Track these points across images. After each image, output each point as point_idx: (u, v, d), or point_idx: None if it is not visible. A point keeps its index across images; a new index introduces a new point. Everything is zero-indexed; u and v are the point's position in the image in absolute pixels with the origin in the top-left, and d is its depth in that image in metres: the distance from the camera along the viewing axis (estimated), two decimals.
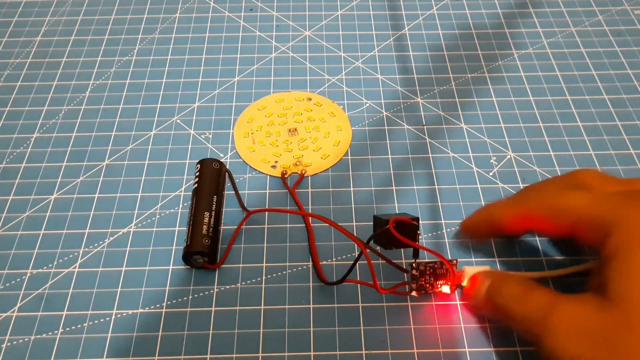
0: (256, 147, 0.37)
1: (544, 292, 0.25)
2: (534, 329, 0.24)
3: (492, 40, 0.45)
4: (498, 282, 0.27)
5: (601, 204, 0.25)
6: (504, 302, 0.26)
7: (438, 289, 0.29)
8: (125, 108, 0.40)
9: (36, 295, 0.31)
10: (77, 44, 0.45)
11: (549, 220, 0.27)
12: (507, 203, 0.30)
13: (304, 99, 0.40)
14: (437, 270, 0.29)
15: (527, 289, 0.26)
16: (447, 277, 0.29)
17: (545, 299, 0.24)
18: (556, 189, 0.28)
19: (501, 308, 0.26)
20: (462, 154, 0.37)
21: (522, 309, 0.25)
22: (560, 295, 0.24)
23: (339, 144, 0.37)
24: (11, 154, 0.37)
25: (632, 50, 0.44)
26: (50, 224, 0.34)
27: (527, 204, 0.28)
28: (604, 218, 0.24)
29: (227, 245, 0.32)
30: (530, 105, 0.40)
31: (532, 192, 0.30)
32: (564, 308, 0.23)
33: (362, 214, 0.34)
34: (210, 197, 0.32)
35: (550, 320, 0.23)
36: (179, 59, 0.43)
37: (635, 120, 0.39)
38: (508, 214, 0.29)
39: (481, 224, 0.31)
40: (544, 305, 0.24)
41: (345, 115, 0.39)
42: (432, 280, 0.29)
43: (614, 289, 0.22)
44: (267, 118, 0.39)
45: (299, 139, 0.37)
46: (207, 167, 0.34)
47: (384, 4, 0.48)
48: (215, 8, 0.48)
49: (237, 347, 0.29)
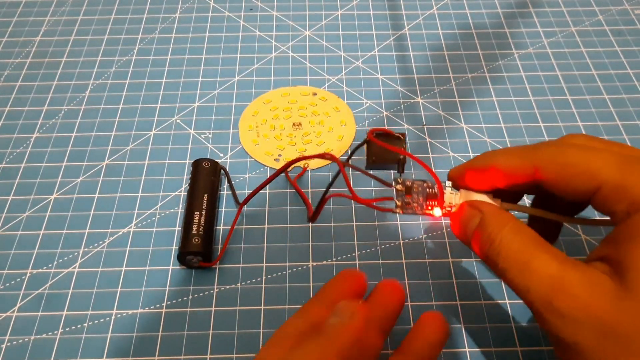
0: (260, 140, 0.37)
1: (550, 256, 0.22)
2: (538, 306, 0.21)
3: (492, 40, 0.45)
4: (492, 225, 0.24)
5: (635, 169, 0.22)
6: (500, 260, 0.23)
7: (428, 210, 0.26)
8: (125, 108, 0.40)
9: (36, 295, 0.31)
10: (77, 44, 0.45)
11: (566, 179, 0.23)
12: (516, 151, 0.25)
13: (309, 94, 0.40)
14: (428, 189, 0.26)
15: (529, 248, 0.22)
16: (438, 199, 0.26)
17: (552, 268, 0.21)
18: (576, 146, 0.24)
19: (495, 265, 0.23)
20: (462, 153, 0.37)
21: (523, 279, 0.22)
22: (569, 265, 0.21)
23: (342, 139, 0.37)
24: (11, 154, 0.37)
25: (632, 50, 0.44)
26: (50, 224, 0.34)
27: (542, 156, 0.24)
28: (637, 187, 0.21)
29: (224, 242, 0.32)
30: (530, 105, 0.40)
31: (544, 145, 0.25)
32: (575, 289, 0.21)
33: (362, 215, 0.34)
34: (200, 197, 0.32)
35: (559, 301, 0.21)
36: (179, 59, 0.43)
37: (635, 120, 0.39)
38: (516, 164, 0.24)
39: (479, 171, 0.26)
40: (551, 279, 0.21)
41: (349, 110, 0.39)
42: (421, 200, 0.26)
43: (635, 279, 0.20)
44: (272, 112, 0.39)
45: (302, 133, 0.38)
46: (199, 168, 0.34)
47: (384, 4, 0.48)
48: (215, 8, 0.48)
49: (237, 347, 0.29)
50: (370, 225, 0.33)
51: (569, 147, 0.24)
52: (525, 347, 0.29)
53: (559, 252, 0.22)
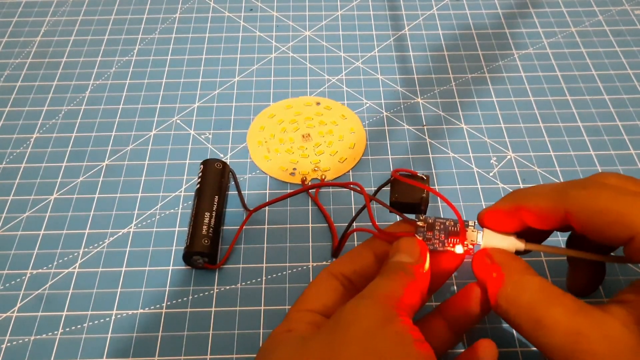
0: (272, 155, 0.37)
1: (563, 309, 0.21)
2: (557, 356, 0.21)
3: (492, 40, 0.45)
4: (511, 285, 0.23)
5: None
6: (510, 317, 0.23)
7: (450, 247, 0.26)
8: (125, 108, 0.40)
9: (36, 295, 0.31)
10: (77, 44, 0.45)
11: (598, 227, 0.22)
12: (547, 193, 0.24)
13: (313, 104, 0.40)
14: (450, 227, 0.26)
15: (539, 303, 0.22)
16: (460, 237, 0.26)
17: (566, 323, 0.21)
18: (610, 189, 0.23)
19: (508, 320, 0.23)
20: (462, 154, 0.37)
21: (538, 337, 0.21)
22: (582, 317, 0.21)
23: (354, 147, 0.37)
24: (11, 154, 0.37)
25: (632, 50, 0.44)
26: (50, 224, 0.34)
27: (574, 201, 0.23)
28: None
29: (229, 246, 0.32)
30: (530, 106, 0.40)
31: (576, 187, 0.24)
32: (593, 345, 0.20)
33: (363, 217, 0.34)
34: (211, 198, 0.32)
35: (579, 358, 0.20)
36: (179, 59, 0.43)
37: (635, 120, 0.39)
38: (547, 207, 0.23)
39: (509, 211, 0.25)
40: (567, 336, 0.21)
41: (356, 117, 0.39)
42: (442, 237, 0.26)
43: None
44: (278, 125, 0.38)
45: (314, 144, 0.37)
46: (210, 168, 0.34)
47: (384, 4, 0.48)
48: (215, 8, 0.48)
49: (237, 348, 0.29)
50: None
51: (602, 191, 0.23)
52: (525, 348, 0.29)
53: (571, 300, 0.22)
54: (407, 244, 0.25)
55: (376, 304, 0.22)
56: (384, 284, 0.23)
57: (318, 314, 0.24)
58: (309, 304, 0.24)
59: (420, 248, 0.24)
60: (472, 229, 0.26)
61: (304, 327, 0.23)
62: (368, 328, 0.21)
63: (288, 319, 0.24)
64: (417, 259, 0.24)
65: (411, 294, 0.22)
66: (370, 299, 0.22)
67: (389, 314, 0.21)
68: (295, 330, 0.23)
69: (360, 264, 0.25)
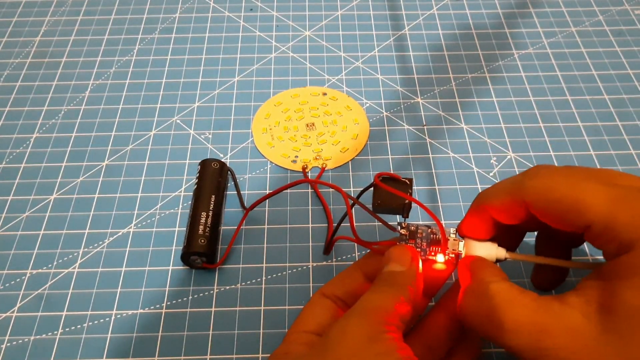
0: (275, 142, 0.37)
1: (526, 309, 0.21)
2: (528, 354, 0.21)
3: (492, 40, 0.45)
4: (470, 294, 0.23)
5: (625, 207, 0.21)
6: (479, 322, 0.22)
7: (431, 256, 0.26)
8: (125, 108, 0.40)
9: (36, 295, 0.31)
10: (76, 43, 0.45)
11: (557, 216, 0.22)
12: (505, 187, 0.24)
13: (319, 94, 0.40)
14: (432, 235, 0.26)
15: (504, 306, 0.22)
16: (441, 246, 0.25)
17: (531, 322, 0.21)
18: (568, 178, 0.23)
19: (477, 327, 0.23)
20: (462, 154, 0.37)
21: (507, 339, 0.21)
22: (546, 311, 0.21)
23: (357, 137, 0.38)
24: (11, 154, 0.37)
25: (632, 50, 0.44)
26: (50, 224, 0.34)
27: (529, 191, 0.23)
28: (626, 227, 0.20)
29: (228, 245, 0.32)
30: (530, 105, 0.40)
31: (530, 177, 0.24)
32: (557, 339, 0.20)
33: (360, 215, 0.34)
34: (208, 198, 0.32)
35: (546, 347, 0.20)
36: (178, 59, 0.43)
37: (635, 120, 0.39)
38: (506, 201, 0.24)
39: (477, 213, 0.25)
40: (532, 332, 0.21)
41: (361, 108, 0.39)
42: (424, 245, 0.26)
43: (625, 316, 0.19)
44: (284, 114, 0.39)
45: (317, 134, 0.38)
46: (207, 168, 0.34)
47: (384, 4, 0.48)
48: (215, 8, 0.48)
49: (237, 348, 0.29)
50: (372, 225, 0.33)
51: (555, 178, 0.23)
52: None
53: (530, 299, 0.21)
54: (398, 252, 0.25)
55: (363, 320, 0.22)
56: (373, 298, 0.23)
57: (313, 334, 0.24)
58: (304, 325, 0.24)
59: (412, 255, 0.25)
60: (453, 238, 0.26)
61: (300, 348, 0.23)
62: (354, 347, 0.21)
63: (286, 342, 0.24)
64: (409, 267, 0.24)
65: (402, 304, 0.22)
66: (357, 316, 0.22)
67: (376, 330, 0.21)
68: (292, 353, 0.23)
69: (350, 286, 0.26)
